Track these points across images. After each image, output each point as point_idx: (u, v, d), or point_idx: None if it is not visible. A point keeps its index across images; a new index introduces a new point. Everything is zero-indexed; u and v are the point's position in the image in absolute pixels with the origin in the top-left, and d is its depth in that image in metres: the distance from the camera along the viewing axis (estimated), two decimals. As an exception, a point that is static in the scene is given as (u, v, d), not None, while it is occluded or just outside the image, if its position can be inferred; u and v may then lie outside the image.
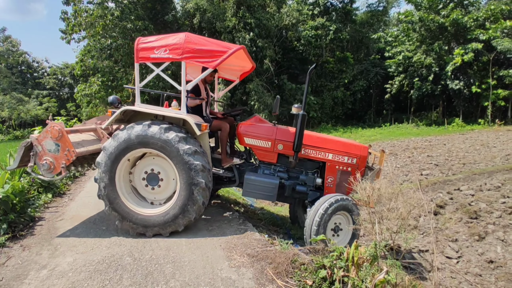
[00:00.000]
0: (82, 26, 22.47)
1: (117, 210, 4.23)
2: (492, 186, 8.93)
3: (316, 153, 4.45)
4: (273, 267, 3.10)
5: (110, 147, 4.09)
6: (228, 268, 3.26)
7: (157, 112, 4.21)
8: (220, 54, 3.90)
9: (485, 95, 22.99)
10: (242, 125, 4.54)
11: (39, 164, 4.26)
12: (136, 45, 4.04)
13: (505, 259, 5.03)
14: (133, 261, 3.52)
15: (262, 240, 3.91)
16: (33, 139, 4.26)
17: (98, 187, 4.27)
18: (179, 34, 4.03)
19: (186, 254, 3.64)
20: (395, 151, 16.37)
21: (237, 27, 25.91)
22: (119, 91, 24.45)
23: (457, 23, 23.03)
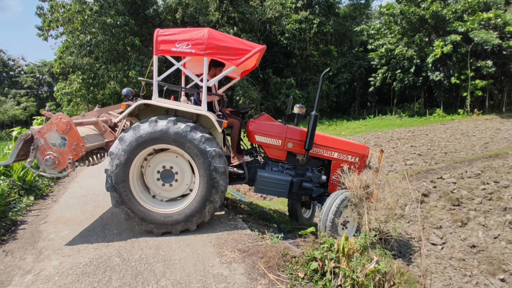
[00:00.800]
0: (59, 22, 21.73)
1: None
2: (473, 173, 9.24)
3: (324, 151, 4.60)
4: (264, 261, 3.11)
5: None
6: (219, 264, 3.24)
7: (178, 107, 4.07)
8: (243, 53, 3.91)
9: (464, 86, 23.67)
10: (253, 123, 4.55)
11: (40, 159, 3.91)
12: (155, 37, 3.90)
13: (486, 243, 5.23)
14: (122, 262, 3.45)
15: (252, 235, 3.91)
16: (34, 131, 3.90)
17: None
18: (202, 29, 3.95)
19: (176, 252, 3.60)
20: (380, 142, 16.69)
21: (220, 21, 25.64)
22: (100, 89, 23.87)
23: (436, 15, 23.53)
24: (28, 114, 37.57)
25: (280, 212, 6.81)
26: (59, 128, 3.92)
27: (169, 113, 4.22)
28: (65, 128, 3.93)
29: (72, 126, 3.97)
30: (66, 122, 3.94)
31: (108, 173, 4.02)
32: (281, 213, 6.90)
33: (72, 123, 3.98)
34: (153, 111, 4.24)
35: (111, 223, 4.74)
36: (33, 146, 3.90)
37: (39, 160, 3.94)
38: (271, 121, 4.67)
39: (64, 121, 3.93)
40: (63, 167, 4.02)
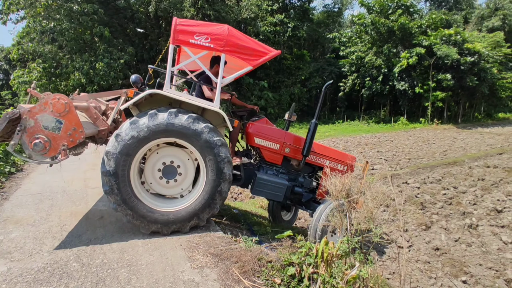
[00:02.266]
0: (20, 5, 20.05)
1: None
2: (434, 179, 9.73)
3: (317, 159, 4.77)
4: (238, 266, 2.96)
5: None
6: (190, 269, 3.04)
7: (191, 101, 3.90)
8: (260, 54, 3.92)
9: (426, 96, 25.11)
10: (252, 125, 4.55)
11: (26, 143, 3.40)
12: (174, 26, 3.70)
13: (448, 246, 5.47)
14: (80, 267, 3.14)
15: (225, 238, 3.75)
16: (24, 110, 3.37)
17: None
18: (222, 25, 3.91)
19: (143, 256, 3.35)
20: (348, 146, 17.17)
21: (195, 18, 25.09)
22: (64, 79, 22.42)
23: (404, 28, 24.77)
24: (33, 82, 34.31)
25: (252, 213, 6.69)
26: (56, 109, 3.47)
27: (172, 105, 4.02)
28: (63, 110, 3.50)
29: (72, 109, 3.55)
30: (65, 103, 3.50)
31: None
32: (253, 214, 6.79)
33: (72, 106, 3.55)
34: (156, 101, 4.00)
35: (70, 223, 4.34)
36: (20, 127, 3.36)
37: (24, 144, 3.43)
38: (270, 125, 4.73)
39: (63, 102, 3.49)
40: (54, 154, 3.56)
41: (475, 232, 6.07)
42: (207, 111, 4.14)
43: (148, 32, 26.46)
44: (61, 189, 6.07)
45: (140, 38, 26.31)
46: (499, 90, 28.11)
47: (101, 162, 3.72)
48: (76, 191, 5.93)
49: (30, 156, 3.53)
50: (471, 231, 6.08)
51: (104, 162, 3.67)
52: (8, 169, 7.46)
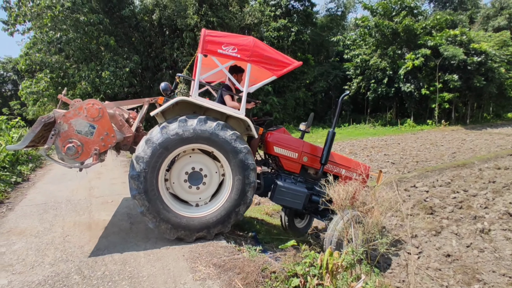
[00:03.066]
0: (27, 17, 20.42)
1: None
2: (443, 182, 9.52)
3: (334, 168, 4.85)
4: (241, 277, 2.88)
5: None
6: (192, 281, 2.97)
7: (218, 108, 4.00)
8: (284, 65, 4.07)
9: (433, 97, 24.81)
10: (271, 135, 4.64)
11: (59, 147, 3.48)
12: (203, 37, 3.87)
13: (460, 252, 5.30)
14: (82, 280, 3.09)
15: (229, 248, 3.67)
16: (58, 115, 3.48)
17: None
18: (248, 36, 4.10)
19: (145, 267, 3.29)
20: (355, 150, 16.98)
21: (199, 25, 25.29)
22: (70, 89, 22.65)
23: (408, 30, 24.60)
24: (64, 89, 34.93)
25: (258, 220, 6.60)
26: (90, 114, 3.57)
27: (196, 112, 4.13)
28: (96, 115, 3.59)
29: (105, 114, 3.63)
30: (99, 108, 3.60)
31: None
32: (259, 221, 6.70)
33: (106, 111, 3.64)
34: (180, 109, 4.11)
35: (73, 234, 4.31)
36: (54, 131, 3.47)
37: (57, 148, 3.52)
38: (288, 134, 4.83)
39: (97, 107, 3.59)
40: (86, 158, 3.64)
41: (487, 237, 5.88)
42: (231, 119, 4.24)
43: (153, 40, 26.73)
44: (65, 199, 6.07)
45: (145, 46, 26.58)
46: (508, 89, 27.66)
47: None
48: (80, 201, 5.93)
49: (62, 159, 3.60)
50: (483, 236, 5.89)
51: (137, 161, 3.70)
52: (14, 179, 7.51)
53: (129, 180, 3.71)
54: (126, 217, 4.93)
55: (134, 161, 3.70)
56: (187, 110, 4.13)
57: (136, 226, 4.51)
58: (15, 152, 8.99)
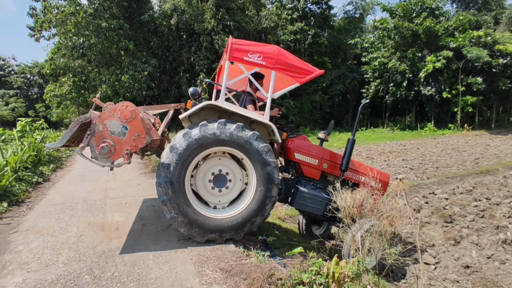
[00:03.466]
0: (52, 23, 21.35)
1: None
2: (465, 189, 9.15)
3: (353, 175, 4.91)
4: (247, 283, 2.86)
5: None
6: (198, 285, 2.97)
7: (245, 113, 4.11)
8: (306, 73, 4.21)
9: (455, 101, 23.98)
10: (293, 141, 4.74)
11: (94, 146, 3.67)
12: (230, 45, 4.01)
13: (480, 264, 5.06)
14: (92, 280, 3.15)
15: (237, 252, 3.65)
16: (94, 116, 3.69)
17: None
18: (272, 45, 4.23)
19: (153, 270, 3.32)
20: (372, 155, 16.62)
21: (216, 29, 25.60)
22: (92, 92, 23.42)
23: (429, 31, 23.93)
24: (16, 115, 36.68)
25: (269, 224, 6.55)
26: (123, 115, 3.74)
27: (220, 117, 4.25)
28: (129, 117, 3.76)
29: (137, 115, 3.79)
30: (132, 110, 3.76)
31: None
32: (270, 225, 6.65)
33: (138, 113, 3.80)
34: (205, 114, 4.23)
35: (87, 234, 4.42)
36: (90, 131, 3.67)
37: (92, 147, 3.70)
38: (308, 141, 4.91)
39: (130, 109, 3.76)
40: (118, 157, 3.80)
41: (509, 248, 5.58)
42: (255, 124, 4.31)
43: (171, 44, 27.27)
44: (81, 199, 6.25)
45: (163, 50, 27.16)
46: (536, 93, 26.34)
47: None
48: (96, 202, 6.08)
49: (95, 158, 3.76)
50: (505, 247, 5.60)
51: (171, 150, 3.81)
52: (35, 179, 7.80)
53: (159, 168, 3.81)
54: (138, 218, 5.01)
55: (167, 151, 3.82)
56: (212, 115, 4.24)
57: (148, 228, 4.58)
58: (38, 153, 9.36)
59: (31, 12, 20.87)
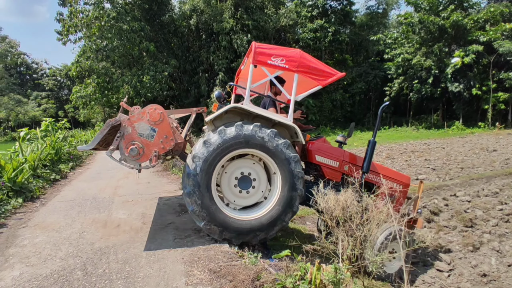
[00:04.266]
0: (78, 27, 22.28)
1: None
2: (490, 192, 8.55)
3: (374, 177, 4.92)
4: (232, 285, 2.76)
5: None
6: (184, 285, 2.92)
7: (269, 115, 4.16)
8: (328, 75, 4.26)
9: (485, 98, 22.59)
10: (313, 144, 4.78)
11: (123, 148, 3.76)
12: (254, 49, 4.08)
13: (499, 272, 4.66)
14: (83, 276, 3.18)
15: (229, 253, 3.57)
16: (124, 118, 3.78)
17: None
18: (295, 49, 4.30)
19: (144, 268, 3.30)
20: (392, 154, 16.00)
21: (234, 28, 25.67)
22: (114, 93, 24.19)
23: (457, 25, 22.69)
24: (47, 115, 38.75)
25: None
26: (152, 118, 3.82)
27: (244, 120, 4.30)
28: (158, 119, 3.83)
29: (166, 118, 3.86)
30: (161, 113, 3.84)
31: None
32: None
33: (166, 116, 3.87)
34: (229, 116, 4.28)
35: (89, 230, 4.51)
36: (119, 134, 3.76)
37: (121, 149, 3.79)
38: (328, 143, 4.95)
39: (159, 112, 3.84)
40: (146, 160, 3.89)
41: (535, 257, 5.12)
42: (278, 126, 4.35)
43: (190, 44, 27.67)
44: (92, 196, 6.41)
45: (183, 50, 27.59)
46: None
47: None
48: (105, 199, 6.21)
49: (124, 160, 3.82)
50: (530, 255, 5.14)
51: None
52: (53, 176, 8.11)
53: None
54: (140, 216, 5.06)
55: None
56: (236, 117, 4.28)
57: (147, 226, 4.60)
58: (58, 152, 9.75)
59: (58, 18, 21.87)
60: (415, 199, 5.09)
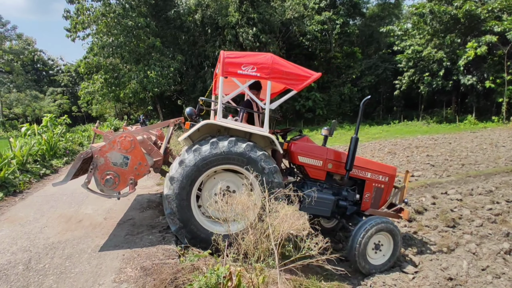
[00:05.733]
0: (85, 24, 22.71)
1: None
2: (484, 190, 8.17)
3: (359, 172, 4.91)
4: (153, 284, 2.75)
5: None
6: (110, 283, 2.93)
7: (243, 128, 4.07)
8: (303, 79, 4.12)
9: (500, 91, 21.56)
10: (294, 144, 4.70)
11: (98, 179, 3.84)
12: (222, 59, 3.96)
13: (467, 277, 4.45)
14: (23, 271, 3.26)
15: (170, 251, 3.56)
16: (95, 150, 3.83)
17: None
18: (265, 54, 4.16)
19: (82, 264, 3.34)
20: (395, 150, 15.56)
21: (240, 22, 25.54)
22: (122, 89, 24.56)
23: (470, 15, 21.66)
24: (62, 111, 39.99)
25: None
26: (123, 146, 3.85)
27: (221, 132, 4.24)
28: (129, 147, 3.86)
29: (137, 145, 3.89)
30: (131, 140, 3.86)
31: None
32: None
33: (137, 142, 3.90)
34: (206, 129, 4.19)
35: (51, 225, 4.61)
36: (92, 166, 3.81)
37: (97, 180, 3.87)
38: (311, 143, 4.89)
39: (129, 139, 3.86)
40: (124, 187, 3.93)
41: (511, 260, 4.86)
42: (255, 135, 4.28)
43: (196, 39, 27.72)
44: (70, 191, 6.55)
45: (189, 45, 27.69)
46: None
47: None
48: (81, 194, 6.31)
49: (102, 190, 3.92)
50: (506, 259, 4.86)
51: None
52: (43, 171, 8.34)
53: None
54: (106, 211, 5.13)
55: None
56: (212, 129, 4.24)
57: (107, 221, 4.66)
58: (53, 147, 10.03)
59: (66, 15, 22.35)
60: (402, 188, 5.11)
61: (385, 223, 4.40)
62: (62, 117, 14.93)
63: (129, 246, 3.74)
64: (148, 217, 4.79)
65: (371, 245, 4.45)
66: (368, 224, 4.31)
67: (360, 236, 4.24)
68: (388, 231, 4.45)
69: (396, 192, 5.22)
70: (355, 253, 4.27)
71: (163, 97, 28.75)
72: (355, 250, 4.27)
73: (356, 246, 4.25)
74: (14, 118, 40.91)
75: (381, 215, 4.98)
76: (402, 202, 5.11)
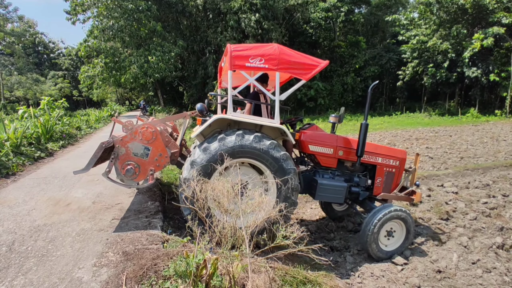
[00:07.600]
0: (84, 6, 22.33)
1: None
2: (481, 183, 8.10)
3: (369, 157, 4.96)
4: (132, 270, 2.72)
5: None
6: (90, 267, 2.90)
7: (254, 121, 4.08)
8: (311, 67, 4.09)
9: (505, 84, 21.21)
10: (305, 133, 4.73)
11: (119, 169, 3.85)
12: (229, 53, 3.92)
13: (456, 270, 4.42)
14: (5, 253, 3.24)
15: (155, 236, 3.52)
16: (116, 140, 3.83)
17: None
18: (272, 44, 4.11)
19: (64, 247, 3.32)
20: (395, 141, 15.43)
21: (242, 8, 25.03)
22: (122, 73, 24.31)
23: (478, 5, 21.11)
24: (63, 94, 39.83)
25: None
26: (145, 137, 3.87)
27: (230, 126, 4.23)
28: (150, 138, 3.88)
29: (158, 136, 3.91)
30: (153, 132, 3.88)
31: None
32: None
33: (159, 133, 3.91)
34: (217, 124, 4.20)
35: (39, 208, 4.58)
36: (114, 155, 3.83)
37: (117, 170, 3.88)
38: (320, 131, 4.91)
39: (151, 130, 3.88)
40: (144, 178, 3.94)
41: (504, 255, 4.80)
42: (263, 126, 4.28)
43: (199, 24, 27.26)
44: (63, 175, 6.52)
45: (191, 31, 27.25)
46: None
47: None
48: (73, 177, 6.29)
49: (122, 180, 3.92)
50: (498, 253, 4.82)
51: None
52: (38, 154, 8.31)
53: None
54: (95, 195, 5.10)
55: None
56: (222, 124, 4.25)
57: (95, 205, 4.63)
58: (49, 130, 9.98)
59: (65, -4, 21.94)
60: (412, 171, 5.19)
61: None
62: (60, 100, 14.83)
63: (114, 231, 3.70)
64: (137, 202, 4.75)
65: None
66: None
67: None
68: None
69: (407, 176, 5.27)
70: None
71: (164, 83, 28.51)
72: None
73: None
74: (16, 101, 40.84)
75: (393, 199, 5.13)
76: (414, 184, 5.17)
